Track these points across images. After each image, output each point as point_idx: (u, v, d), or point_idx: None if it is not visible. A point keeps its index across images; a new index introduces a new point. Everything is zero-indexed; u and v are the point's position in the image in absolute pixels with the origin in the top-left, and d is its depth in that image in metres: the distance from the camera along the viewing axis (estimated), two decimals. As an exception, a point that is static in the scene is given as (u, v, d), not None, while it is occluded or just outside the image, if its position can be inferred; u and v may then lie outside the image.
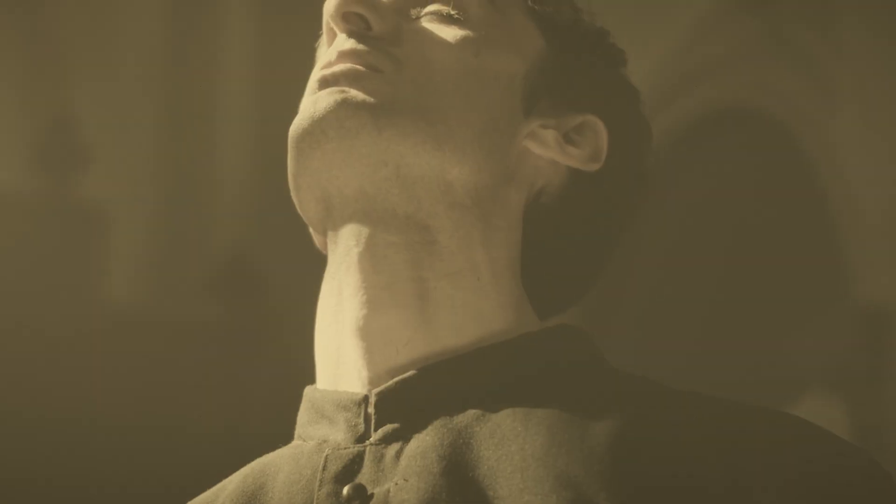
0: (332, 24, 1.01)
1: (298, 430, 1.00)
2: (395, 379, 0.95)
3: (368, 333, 0.97)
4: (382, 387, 0.95)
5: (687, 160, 3.78)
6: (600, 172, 1.05)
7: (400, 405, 0.95)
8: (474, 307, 0.98)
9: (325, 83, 0.98)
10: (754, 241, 3.63)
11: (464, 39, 1.01)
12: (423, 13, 1.03)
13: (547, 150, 1.03)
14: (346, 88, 0.97)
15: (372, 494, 0.91)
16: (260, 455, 1.01)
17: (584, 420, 0.92)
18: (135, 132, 4.45)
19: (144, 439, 4.00)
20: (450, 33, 1.01)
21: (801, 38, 3.67)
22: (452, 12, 1.02)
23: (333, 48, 1.00)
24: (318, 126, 0.96)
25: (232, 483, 1.00)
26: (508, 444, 0.91)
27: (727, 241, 3.67)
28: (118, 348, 4.07)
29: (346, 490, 0.92)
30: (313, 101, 0.97)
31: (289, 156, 0.98)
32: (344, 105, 0.96)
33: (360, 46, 0.99)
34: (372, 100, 0.96)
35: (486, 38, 1.02)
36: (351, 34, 1.00)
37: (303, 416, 1.00)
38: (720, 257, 3.66)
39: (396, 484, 0.91)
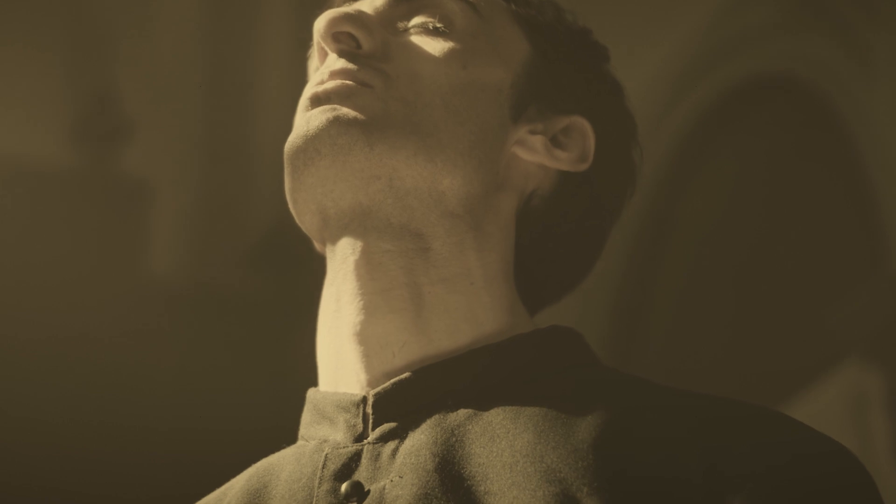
0: (323, 44, 1.03)
1: (301, 430, 1.03)
2: (392, 381, 0.99)
3: (366, 338, 1.00)
4: (379, 388, 0.99)
5: (723, 131, 3.78)
6: (588, 172, 1.08)
7: (396, 405, 0.98)
8: (468, 310, 1.01)
9: (316, 101, 1.00)
10: (790, 211, 3.63)
11: (451, 53, 1.03)
12: (409, 26, 1.05)
13: (535, 156, 1.05)
14: (338, 106, 0.99)
15: (368, 491, 0.95)
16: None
17: (570, 418, 0.95)
18: (177, 106, 4.49)
19: (187, 408, 4.06)
20: (437, 47, 1.03)
21: (838, 7, 3.66)
22: (438, 25, 1.04)
23: (325, 67, 1.03)
24: (312, 144, 0.98)
25: (239, 482, 1.04)
26: (499, 441, 0.94)
27: (763, 212, 3.68)
28: (161, 320, 4.12)
29: (343, 487, 0.96)
30: (306, 120, 1.00)
31: (285, 172, 1.01)
32: (336, 123, 0.98)
33: (351, 65, 1.01)
34: (363, 116, 0.99)
35: (473, 49, 1.04)
36: (342, 53, 1.02)
37: (305, 416, 1.03)
38: (756, 228, 3.66)
39: (392, 481, 0.94)
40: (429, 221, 1.00)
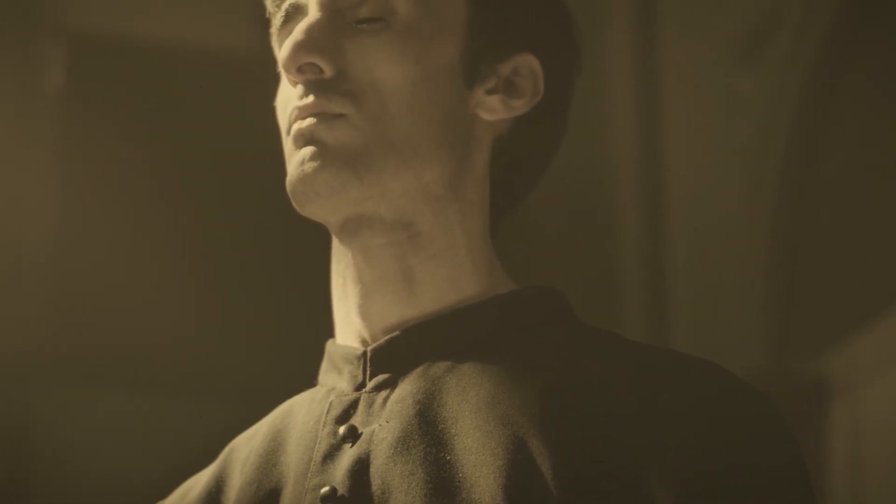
0: (289, 77, 1.16)
1: (319, 376, 1.23)
2: (386, 337, 1.17)
3: (367, 314, 1.19)
4: (375, 344, 1.18)
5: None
6: (539, 105, 1.21)
7: (389, 359, 1.17)
8: (453, 279, 1.18)
9: (300, 139, 1.14)
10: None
11: (403, 51, 1.14)
12: (358, 20, 1.15)
13: (496, 115, 1.19)
14: (323, 145, 1.13)
15: (361, 433, 1.14)
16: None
17: (529, 370, 1.12)
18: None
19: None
20: (388, 48, 1.14)
21: None
22: (385, 17, 1.15)
23: (297, 99, 1.15)
24: (310, 188, 1.14)
25: (267, 421, 1.24)
26: (468, 391, 1.12)
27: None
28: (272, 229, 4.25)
29: (341, 429, 1.15)
30: (299, 163, 1.14)
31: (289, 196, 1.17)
32: (326, 168, 1.13)
33: (320, 99, 1.14)
34: (347, 152, 1.13)
35: (420, 35, 1.15)
36: (308, 85, 1.15)
37: (323, 365, 1.23)
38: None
39: (380, 425, 1.13)
40: (417, 210, 1.16)
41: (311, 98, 1.14)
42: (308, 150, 1.14)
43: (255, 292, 3.99)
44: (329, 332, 1.23)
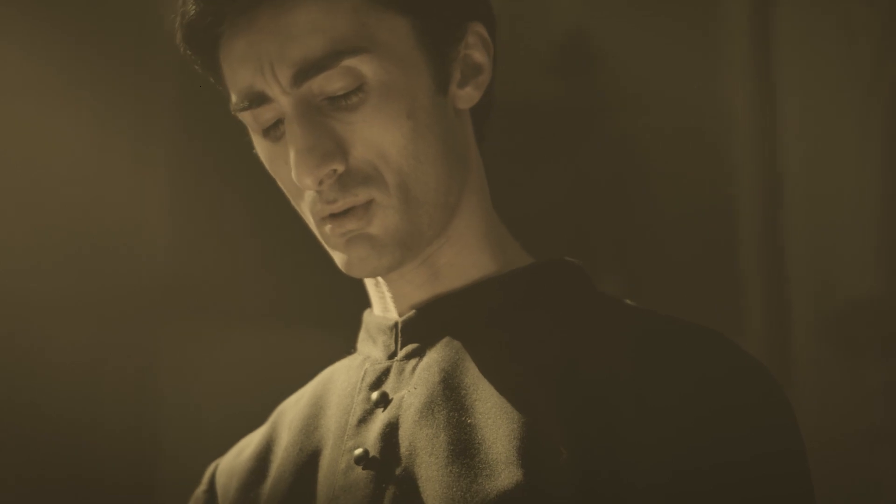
0: (312, 190, 1.19)
1: (357, 343, 1.32)
2: (414, 310, 1.26)
3: (398, 301, 1.28)
4: (405, 316, 1.26)
5: None
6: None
7: (417, 330, 1.26)
8: (473, 259, 1.26)
9: (345, 240, 1.20)
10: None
11: (392, 113, 1.18)
12: (330, 99, 1.17)
13: (472, 100, 1.25)
14: (370, 238, 1.20)
15: (391, 399, 1.23)
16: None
17: (544, 339, 1.20)
18: None
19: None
20: (380, 117, 1.17)
21: None
22: (360, 93, 1.17)
23: (322, 203, 1.20)
24: (372, 273, 1.22)
25: (312, 384, 1.34)
26: (488, 358, 1.21)
27: None
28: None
29: (374, 395, 1.24)
30: (358, 260, 1.21)
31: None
32: (384, 256, 1.20)
33: (347, 197, 1.19)
34: (395, 237, 1.20)
35: (398, 89, 1.18)
36: (331, 189, 1.19)
37: (360, 333, 1.32)
38: None
39: (409, 391, 1.22)
40: (444, 224, 1.24)
41: (337, 202, 1.19)
42: (360, 249, 1.20)
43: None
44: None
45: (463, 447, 1.16)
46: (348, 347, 1.33)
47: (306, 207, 1.22)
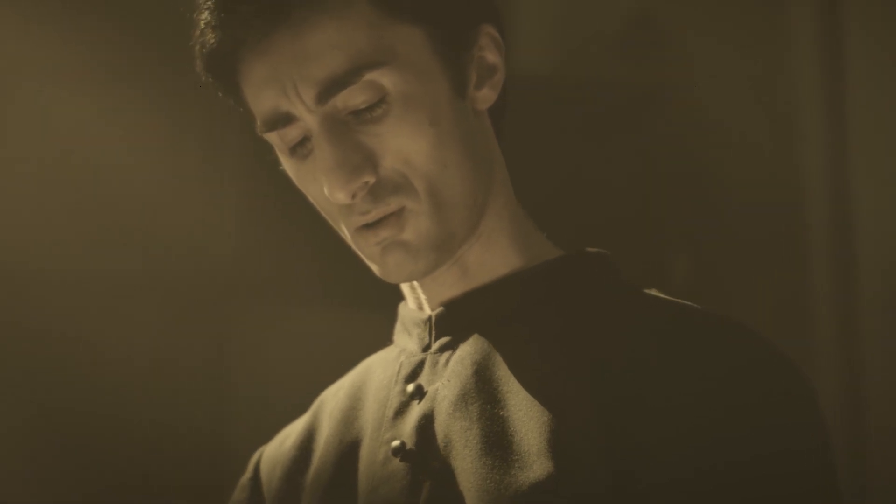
0: (346, 204, 1.22)
1: (394, 336, 1.34)
2: (446, 304, 1.28)
3: (430, 299, 1.30)
4: (438, 310, 1.29)
5: None
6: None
7: (449, 323, 1.28)
8: (501, 255, 1.29)
9: (381, 248, 1.23)
10: None
11: (416, 123, 1.20)
12: (354, 113, 1.20)
13: (489, 101, 1.27)
14: (405, 244, 1.22)
15: (426, 391, 1.25)
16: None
17: (573, 331, 1.22)
18: None
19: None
20: (404, 127, 1.20)
21: None
22: (381, 99, 1.19)
23: (357, 214, 1.22)
24: (409, 278, 1.25)
25: (350, 376, 1.37)
26: (519, 351, 1.23)
27: None
28: (526, 113, 4.37)
29: (409, 387, 1.27)
30: (395, 266, 1.23)
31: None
32: (420, 260, 1.23)
33: (379, 207, 1.21)
34: (429, 241, 1.22)
35: (419, 98, 1.20)
36: (363, 200, 1.21)
37: (396, 326, 1.35)
38: None
39: (443, 383, 1.25)
40: (474, 224, 1.26)
41: (370, 213, 1.22)
42: (396, 256, 1.23)
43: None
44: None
45: (496, 439, 1.18)
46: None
47: (340, 220, 1.24)
